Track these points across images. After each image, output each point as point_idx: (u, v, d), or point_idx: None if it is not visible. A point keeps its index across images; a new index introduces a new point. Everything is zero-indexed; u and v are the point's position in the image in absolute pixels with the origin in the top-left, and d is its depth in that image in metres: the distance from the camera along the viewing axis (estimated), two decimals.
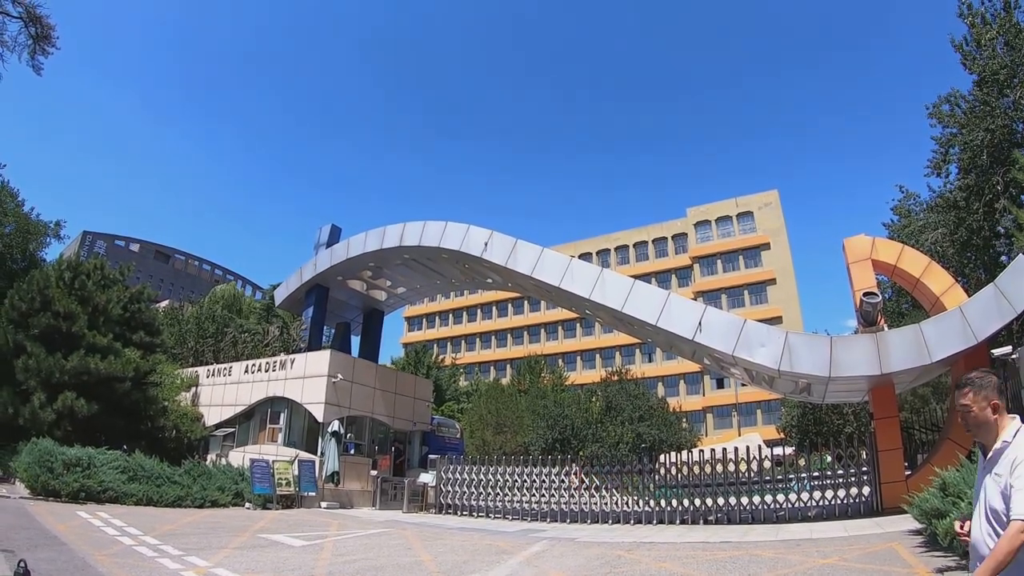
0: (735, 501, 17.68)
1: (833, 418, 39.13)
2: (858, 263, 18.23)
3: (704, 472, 18.61)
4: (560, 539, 14.44)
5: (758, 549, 11.74)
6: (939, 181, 26.73)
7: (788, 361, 16.46)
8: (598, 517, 19.02)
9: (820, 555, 10.55)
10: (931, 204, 27.56)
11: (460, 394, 61.07)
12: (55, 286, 23.53)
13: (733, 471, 18.21)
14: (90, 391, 21.65)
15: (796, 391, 20.88)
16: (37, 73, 21.09)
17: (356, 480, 25.25)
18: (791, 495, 17.40)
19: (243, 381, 28.36)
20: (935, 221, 25.93)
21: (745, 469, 18.10)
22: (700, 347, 18.42)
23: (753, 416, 68.34)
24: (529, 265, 21.14)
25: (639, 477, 19.58)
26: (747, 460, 18.12)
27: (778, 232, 74.72)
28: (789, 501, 17.23)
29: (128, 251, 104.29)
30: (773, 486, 18.06)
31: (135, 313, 26.26)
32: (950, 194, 25.19)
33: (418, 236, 24.52)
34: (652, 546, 12.96)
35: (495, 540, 14.15)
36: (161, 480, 18.87)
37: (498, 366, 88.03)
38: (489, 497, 21.17)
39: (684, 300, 19.28)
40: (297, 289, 30.28)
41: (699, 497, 18.20)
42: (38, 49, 20.30)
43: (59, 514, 14.23)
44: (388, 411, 28.09)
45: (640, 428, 47.20)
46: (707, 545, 12.76)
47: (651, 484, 19.28)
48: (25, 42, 19.80)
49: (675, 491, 18.75)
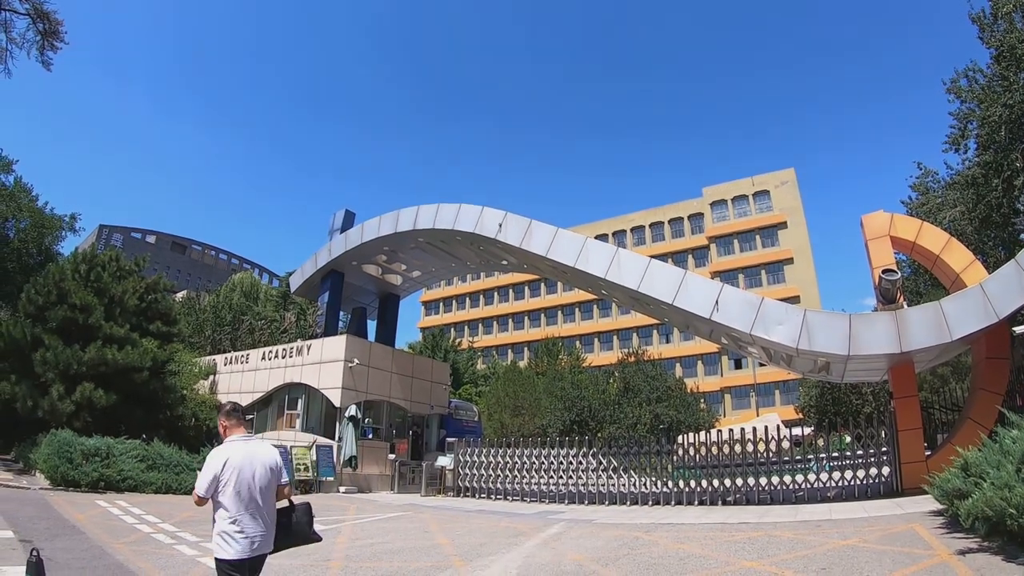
0: (753, 482, 17.53)
1: (852, 398, 39.39)
2: (876, 240, 17.85)
3: (722, 453, 18.37)
4: (578, 521, 14.37)
5: (777, 530, 11.56)
6: (957, 158, 26.22)
7: (806, 339, 16.14)
8: (616, 499, 18.90)
9: (839, 536, 10.39)
10: (949, 181, 27.14)
11: (478, 377, 61.12)
12: (71, 279, 23.62)
13: (751, 452, 18.00)
14: (108, 382, 21.73)
15: (815, 370, 20.46)
16: (46, 69, 21.11)
17: (374, 464, 25.34)
18: (810, 476, 17.17)
19: (260, 368, 28.52)
20: (953, 198, 25.50)
21: (763, 450, 17.88)
22: (717, 326, 18.14)
23: (771, 396, 68.02)
24: (544, 246, 20.91)
25: (657, 458, 19.42)
26: (765, 441, 17.89)
27: (795, 211, 73.96)
28: (808, 482, 17.00)
29: (144, 243, 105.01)
30: (792, 467, 17.87)
31: (151, 303, 26.32)
32: (968, 171, 24.67)
33: (432, 219, 24.38)
34: (671, 527, 12.85)
35: (513, 522, 14.09)
36: (180, 468, 18.98)
37: (515, 349, 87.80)
38: (507, 479, 21.12)
39: (701, 279, 18.95)
40: (312, 275, 30.29)
41: (717, 478, 18.03)
42: (47, 45, 20.36)
43: (78, 504, 14.32)
44: (405, 395, 28.18)
45: (658, 409, 47.06)
46: (725, 526, 12.62)
47: (669, 465, 19.07)
48: (34, 39, 20.00)
49: (693, 472, 18.57)
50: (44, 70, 20.29)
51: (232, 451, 4.74)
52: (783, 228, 73.69)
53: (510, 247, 22.30)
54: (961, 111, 24.41)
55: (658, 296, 18.48)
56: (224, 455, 4.68)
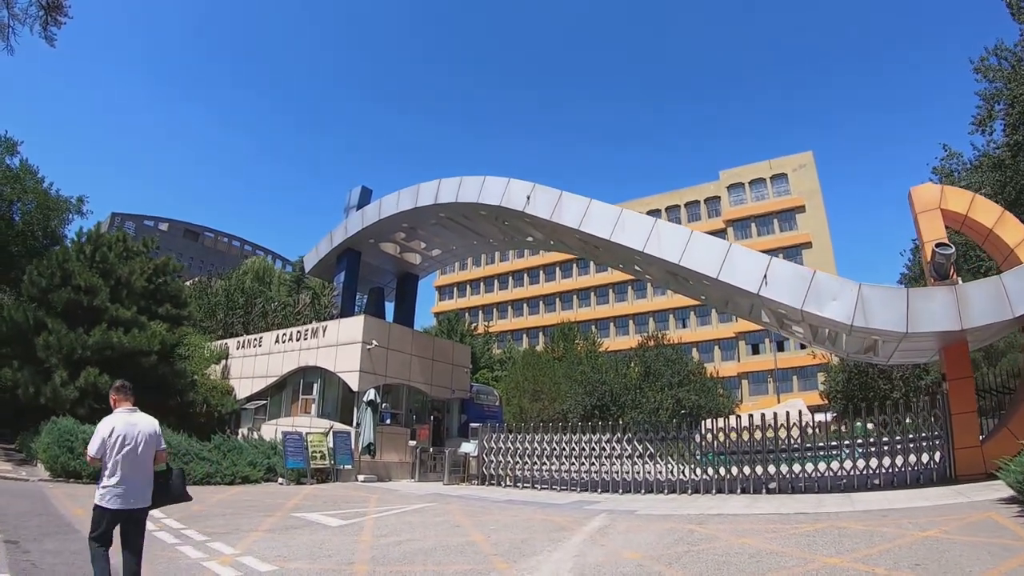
0: (798, 469, 16.57)
1: (879, 383, 38.37)
2: (926, 213, 16.85)
3: (754, 439, 17.34)
4: (618, 512, 13.25)
5: (842, 521, 10.56)
6: (983, 139, 25.54)
7: (862, 316, 15.07)
8: (652, 487, 17.81)
9: (916, 527, 9.43)
10: (975, 164, 26.18)
11: (494, 362, 60.18)
12: (75, 260, 22.72)
13: (784, 438, 17.12)
14: (114, 366, 20.66)
15: (861, 350, 19.37)
16: (50, 44, 20.25)
17: (394, 451, 24.19)
18: (856, 462, 16.23)
19: (274, 352, 27.40)
20: (978, 181, 24.52)
21: (798, 435, 17.04)
22: (764, 302, 16.95)
23: (789, 382, 67.43)
24: (576, 218, 19.58)
25: (691, 444, 18.37)
26: (800, 426, 17.04)
27: (813, 194, 73.14)
28: (856, 468, 16.08)
29: (157, 230, 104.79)
30: (829, 452, 17.10)
31: (160, 286, 25.38)
32: (996, 153, 24.10)
33: (454, 193, 23.12)
34: (723, 519, 11.75)
35: (549, 514, 12.91)
36: (189, 456, 17.89)
37: (530, 334, 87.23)
38: (535, 467, 20.04)
39: (747, 251, 17.71)
40: (328, 254, 29.07)
41: (751, 465, 17.07)
42: (50, 20, 19.59)
43: (77, 497, 13.24)
44: (426, 378, 26.94)
45: (680, 393, 46.35)
46: (783, 517, 11.56)
47: (707, 451, 18.08)
48: (36, 13, 19.22)
49: (726, 458, 17.57)
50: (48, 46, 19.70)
51: (118, 420, 5.82)
52: (801, 212, 72.72)
53: (539, 220, 21.03)
54: (988, 91, 23.95)
55: (701, 270, 17.22)
56: (111, 423, 5.79)
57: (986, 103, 24.06)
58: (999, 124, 24.12)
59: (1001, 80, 23.29)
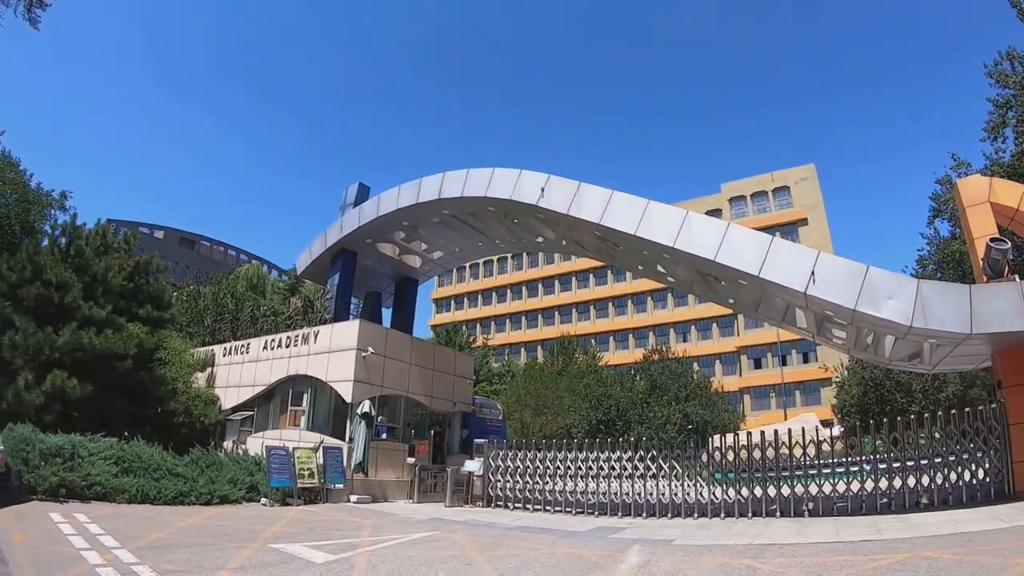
0: (829, 488, 14.93)
1: (897, 396, 36.84)
2: (975, 207, 15.67)
3: (788, 455, 15.67)
4: (651, 541, 11.39)
5: (921, 549, 8.97)
6: (991, 148, 25.27)
7: (921, 316, 13.58)
8: (679, 510, 15.96)
9: (1019, 552, 7.98)
10: (985, 172, 25.04)
11: (493, 375, 58.49)
12: (48, 253, 20.92)
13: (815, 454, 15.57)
14: (86, 370, 19.00)
15: (905, 357, 17.77)
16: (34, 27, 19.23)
17: (390, 469, 22.17)
18: (895, 480, 14.55)
19: (262, 359, 25.41)
20: None
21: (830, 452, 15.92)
22: (812, 302, 15.26)
23: (792, 397, 66.33)
24: (596, 211, 17.82)
25: (715, 463, 16.72)
26: (830, 442, 16.21)
27: (815, 207, 72.91)
28: (902, 487, 14.48)
29: (153, 238, 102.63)
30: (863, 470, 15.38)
31: (141, 285, 23.68)
32: (1007, 161, 23.61)
33: (460, 186, 21.38)
34: (780, 550, 9.91)
35: (572, 546, 11.02)
36: (160, 472, 15.77)
37: (529, 347, 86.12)
38: (546, 487, 18.17)
39: (791, 245, 16.25)
40: (322, 255, 27.12)
41: (789, 484, 15.33)
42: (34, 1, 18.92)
43: (25, 517, 11.39)
44: (426, 390, 24.91)
45: (687, 408, 45.08)
46: (849, 547, 9.85)
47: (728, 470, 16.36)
48: None
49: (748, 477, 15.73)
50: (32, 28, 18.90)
51: None
52: (804, 225, 72.23)
53: (554, 215, 19.30)
54: (1000, 98, 23.72)
55: (740, 267, 15.51)
56: None
57: (998, 109, 23.94)
58: (1010, 132, 24.05)
59: (1013, 87, 22.95)
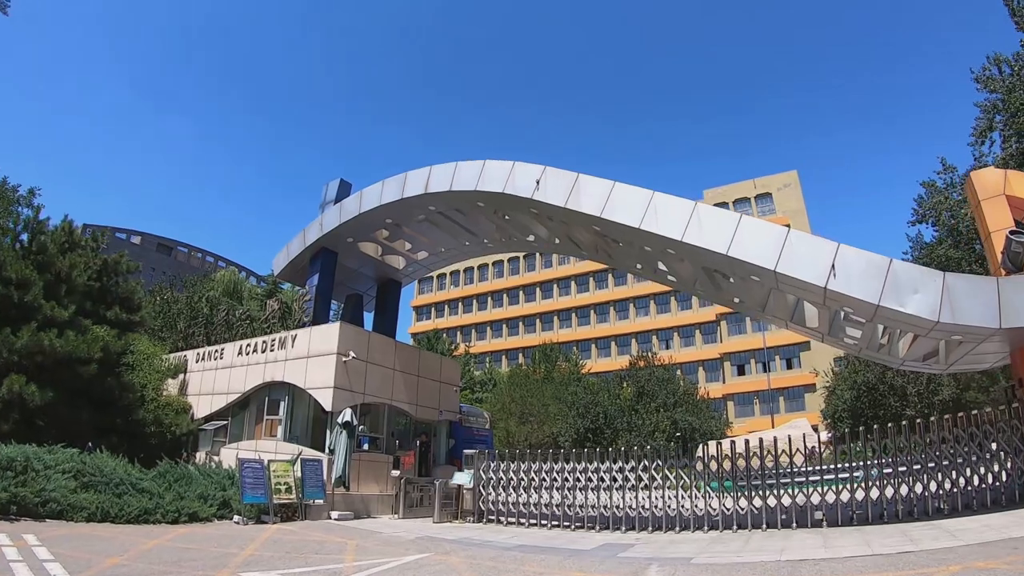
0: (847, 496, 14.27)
1: (891, 400, 36.71)
2: (991, 200, 15.15)
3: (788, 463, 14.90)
4: (668, 560, 10.31)
5: (970, 559, 8.28)
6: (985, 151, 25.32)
7: (948, 310, 12.96)
8: (688, 523, 14.93)
9: None
10: None
11: (475, 383, 57.35)
12: (9, 249, 19.62)
13: None
14: (47, 375, 17.74)
15: (920, 357, 17.18)
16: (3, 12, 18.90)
17: (373, 482, 20.79)
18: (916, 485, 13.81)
19: (236, 365, 23.94)
20: None
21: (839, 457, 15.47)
22: (831, 298, 14.43)
23: (776, 403, 66.10)
24: (597, 204, 16.73)
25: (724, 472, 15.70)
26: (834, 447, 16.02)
27: (798, 213, 73.40)
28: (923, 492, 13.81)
29: (129, 244, 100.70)
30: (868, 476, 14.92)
31: (110, 286, 22.32)
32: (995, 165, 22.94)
33: (448, 180, 20.17)
34: (817, 566, 8.86)
35: (584, 568, 9.91)
36: (123, 488, 14.33)
37: (510, 355, 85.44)
38: (541, 500, 17.07)
39: (808, 236, 15.30)
40: (300, 254, 25.66)
41: (804, 492, 14.59)
42: None
43: None
44: (410, 397, 23.60)
45: (676, 415, 44.52)
46: (889, 560, 8.92)
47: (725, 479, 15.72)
48: None
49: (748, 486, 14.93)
50: None
51: None
52: None
53: (551, 208, 18.19)
54: (988, 102, 24.02)
55: (755, 261, 14.57)
56: None
57: (986, 114, 24.21)
58: (997, 135, 24.24)
59: (1000, 90, 23.33)
